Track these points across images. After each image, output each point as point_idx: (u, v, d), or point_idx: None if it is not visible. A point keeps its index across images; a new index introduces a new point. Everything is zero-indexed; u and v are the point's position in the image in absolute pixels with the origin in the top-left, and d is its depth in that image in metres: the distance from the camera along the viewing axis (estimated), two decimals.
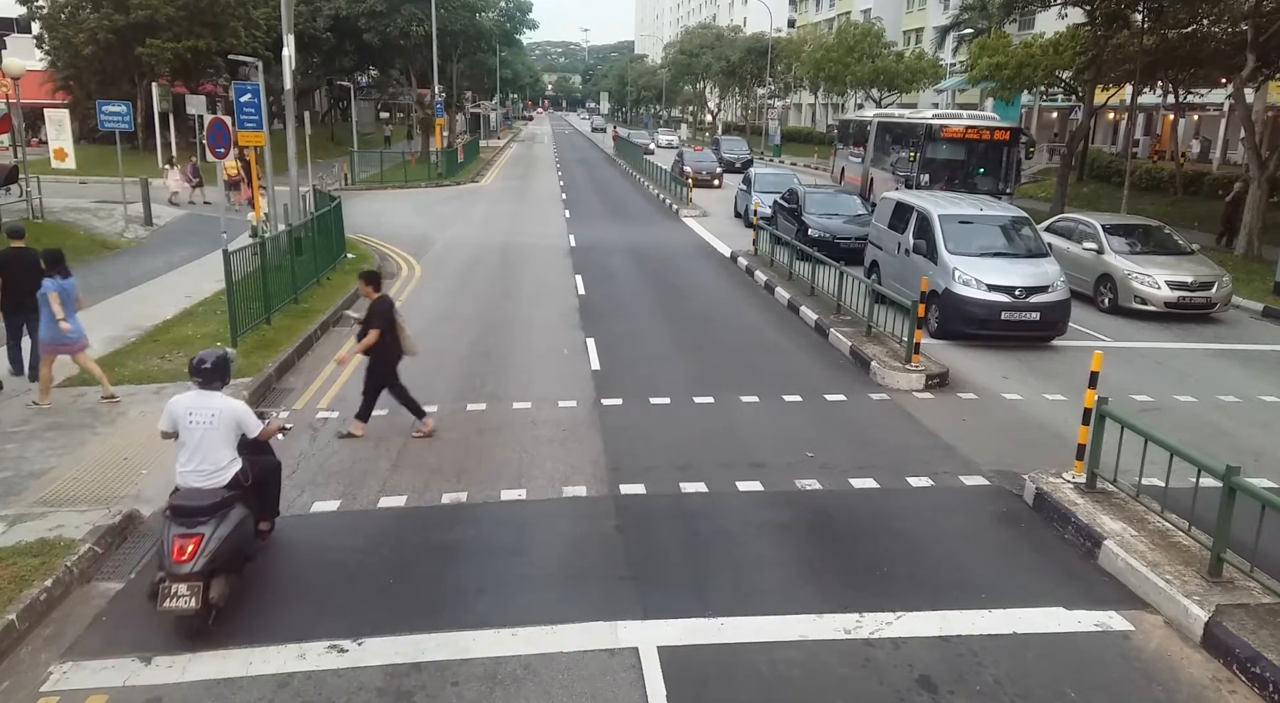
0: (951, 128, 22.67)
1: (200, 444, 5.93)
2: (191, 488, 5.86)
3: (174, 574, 5.42)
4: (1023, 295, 12.65)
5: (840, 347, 12.71)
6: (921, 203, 14.53)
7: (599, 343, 13.02)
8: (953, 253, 13.22)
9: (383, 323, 9.07)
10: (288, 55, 18.32)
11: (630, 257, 20.85)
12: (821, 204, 20.88)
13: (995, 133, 22.66)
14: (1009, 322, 12.69)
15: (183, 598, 5.41)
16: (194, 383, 6.14)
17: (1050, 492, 7.42)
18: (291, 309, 14.09)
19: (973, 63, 36.66)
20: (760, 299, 16.42)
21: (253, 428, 6.17)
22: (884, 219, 15.72)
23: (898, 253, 14.65)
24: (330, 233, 18.21)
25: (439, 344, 12.97)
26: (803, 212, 20.42)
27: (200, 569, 5.44)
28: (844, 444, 9.19)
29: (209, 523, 5.63)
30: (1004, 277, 12.80)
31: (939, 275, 13.08)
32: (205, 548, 5.51)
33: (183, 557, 5.45)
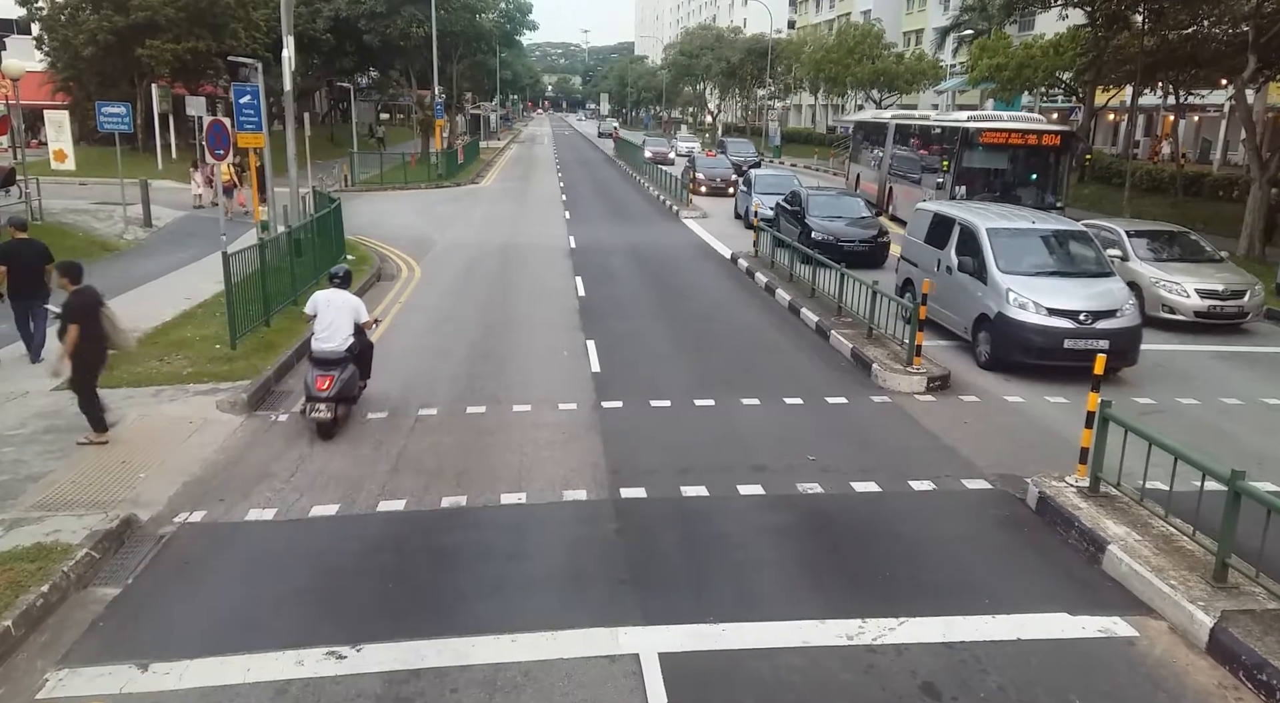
0: (992, 132, 20.60)
1: (333, 321, 9.29)
2: (325, 349, 9.16)
3: (316, 398, 8.90)
4: (1088, 321, 11.07)
5: (841, 349, 12.66)
6: (965, 215, 13.11)
7: (599, 345, 12.98)
8: (1005, 272, 11.68)
9: (81, 317, 8.41)
10: (287, 56, 18.29)
11: (630, 258, 20.82)
12: (825, 206, 20.34)
13: (1044, 137, 20.55)
14: (1073, 351, 10.99)
15: (321, 412, 8.94)
16: (332, 284, 9.69)
17: (1053, 496, 7.38)
18: (291, 311, 14.03)
19: (973, 64, 36.76)
20: (761, 301, 16.38)
21: (363, 315, 9.67)
22: (919, 233, 14.22)
23: (937, 270, 13.13)
24: (330, 234, 18.18)
25: (439, 346, 12.95)
26: (806, 214, 19.93)
27: (332, 395, 8.93)
28: (845, 447, 9.15)
29: (336, 369, 9.05)
30: (1066, 299, 11.23)
31: (989, 298, 11.65)
32: (334, 383, 8.93)
33: (322, 387, 8.89)
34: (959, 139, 20.96)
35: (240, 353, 11.64)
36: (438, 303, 15.82)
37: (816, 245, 17.39)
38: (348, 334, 9.31)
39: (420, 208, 29.94)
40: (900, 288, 14.35)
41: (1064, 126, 23.66)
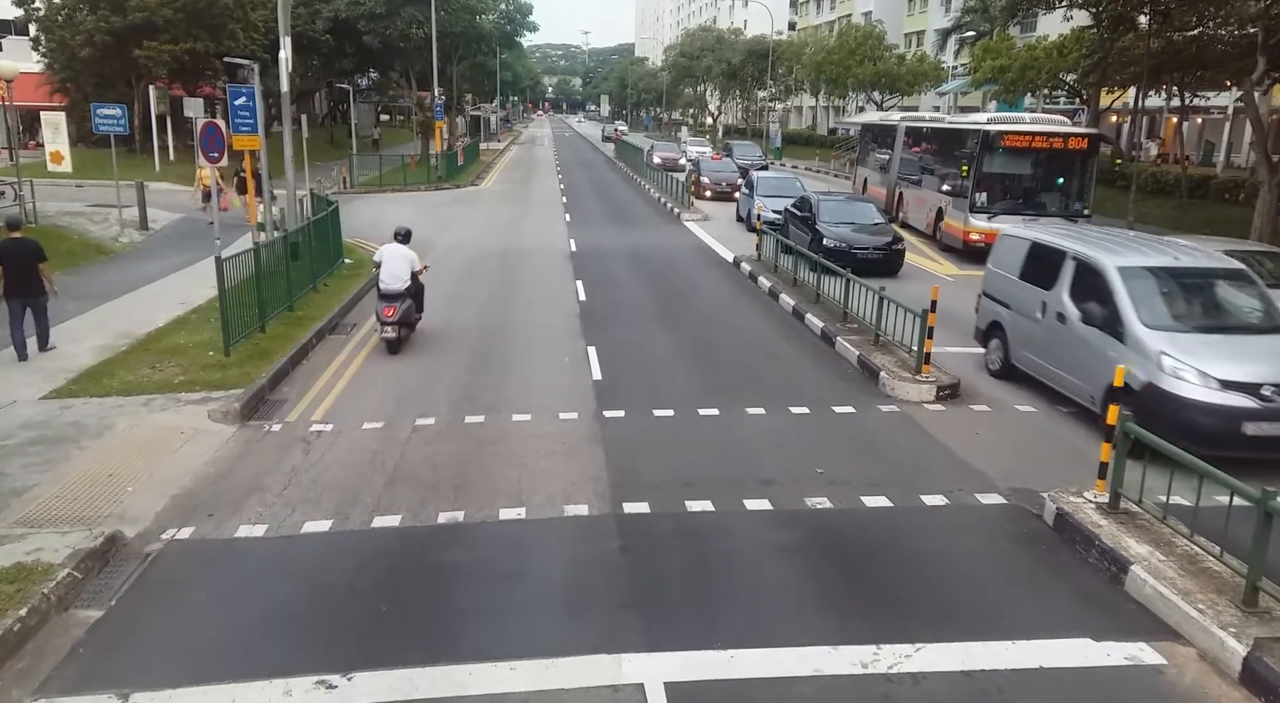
0: (1015, 135, 19.46)
1: (395, 267, 12.37)
2: (389, 288, 12.21)
3: (384, 323, 12.12)
4: (1275, 396, 8.22)
5: (848, 356, 12.41)
6: (1082, 248, 10.20)
7: (600, 351, 12.73)
8: (1151, 327, 8.94)
9: None
10: (284, 57, 18.04)
11: (631, 261, 20.57)
12: (836, 212, 19.35)
13: (1070, 141, 19.47)
14: (1258, 439, 8.18)
15: (389, 332, 12.15)
16: (396, 240, 12.88)
17: (1071, 512, 7.13)
18: (287, 317, 13.80)
19: (976, 65, 36.54)
20: (764, 306, 16.13)
21: (416, 264, 12.64)
22: (1011, 265, 11.43)
23: (1043, 317, 10.49)
24: (327, 238, 17.94)
25: (437, 351, 12.69)
26: (816, 220, 18.98)
27: (395, 321, 12.09)
28: (854, 459, 8.89)
29: (398, 301, 12.18)
30: (1240, 366, 8.40)
31: (1132, 362, 8.74)
32: (397, 312, 12.09)
33: (388, 314, 12.07)
34: (979, 142, 19.77)
35: (234, 361, 11.39)
36: (437, 308, 15.49)
37: (828, 253, 16.81)
38: (406, 277, 12.45)
39: (419, 210, 29.66)
40: (985, 332, 11.97)
41: (1091, 129, 22.53)
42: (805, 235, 18.97)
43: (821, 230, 18.50)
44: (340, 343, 13.16)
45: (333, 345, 13.02)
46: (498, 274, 18.83)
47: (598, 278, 18.43)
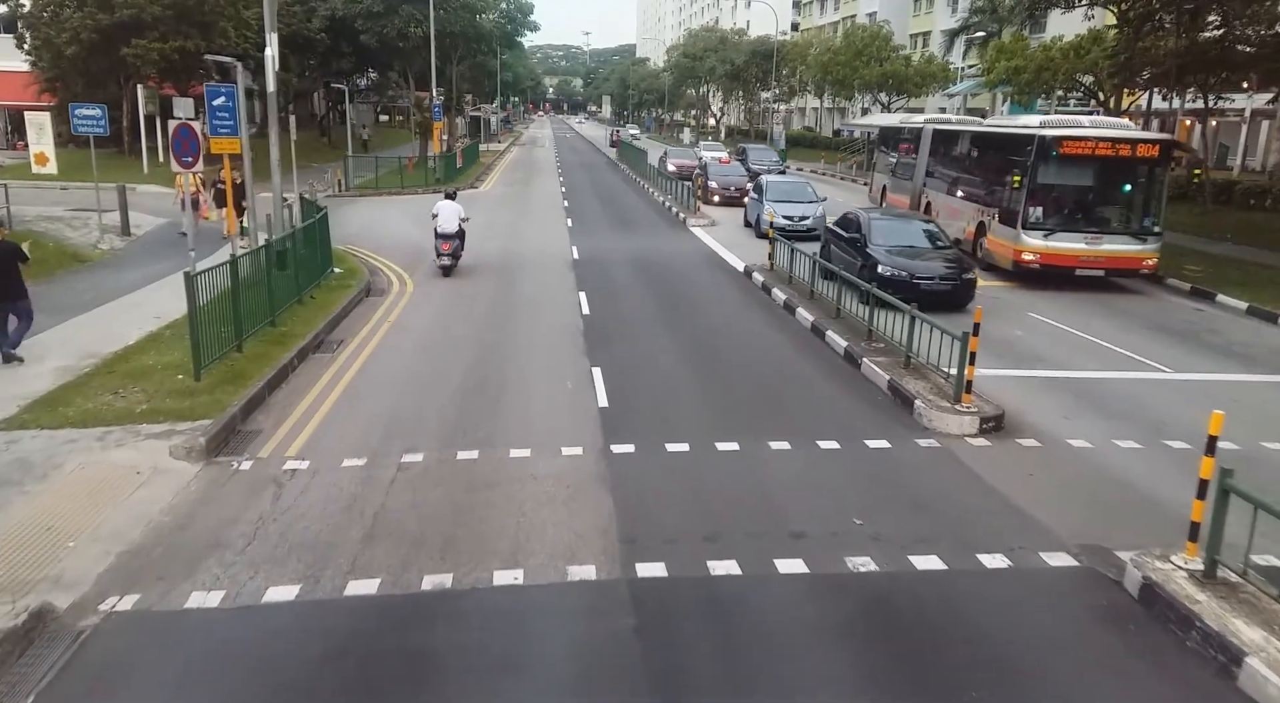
0: (1075, 141, 16.97)
1: (448, 216, 17.68)
2: (444, 230, 17.64)
3: (441, 255, 17.79)
4: None
5: (876, 380, 11.38)
6: None
7: (606, 373, 11.71)
8: None
9: None
10: (270, 55, 17.09)
11: (637, 270, 19.55)
12: (890, 233, 16.33)
13: (1139, 148, 16.99)
14: None
15: (445, 262, 17.79)
16: (446, 197, 18.32)
17: (1161, 582, 6.11)
18: (267, 333, 12.78)
19: (990, 66, 35.54)
20: (780, 321, 15.10)
21: (463, 214, 18.03)
22: None
23: None
24: (316, 245, 16.93)
25: (430, 374, 11.69)
26: (867, 242, 16.00)
27: (451, 252, 17.84)
28: (896, 507, 7.87)
29: (452, 240, 17.71)
30: None
31: None
32: (451, 247, 17.72)
33: (445, 248, 17.73)
34: (1032, 150, 17.17)
35: (204, 386, 10.37)
36: (430, 323, 14.55)
37: (884, 282, 14.08)
38: (456, 224, 17.98)
39: (416, 214, 28.61)
40: None
41: (1163, 135, 19.91)
42: (852, 260, 16.15)
43: (875, 255, 15.52)
44: (324, 363, 12.14)
45: (316, 366, 12.00)
46: (497, 285, 17.80)
47: (602, 289, 17.41)
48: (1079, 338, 14.09)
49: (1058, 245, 17.27)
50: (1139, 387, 11.55)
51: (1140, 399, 11.02)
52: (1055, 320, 15.08)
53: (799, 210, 23.39)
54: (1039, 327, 14.64)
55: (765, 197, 24.00)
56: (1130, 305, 16.63)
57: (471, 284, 17.75)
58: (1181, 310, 16.62)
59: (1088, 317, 15.46)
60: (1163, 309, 16.63)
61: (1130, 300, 17.19)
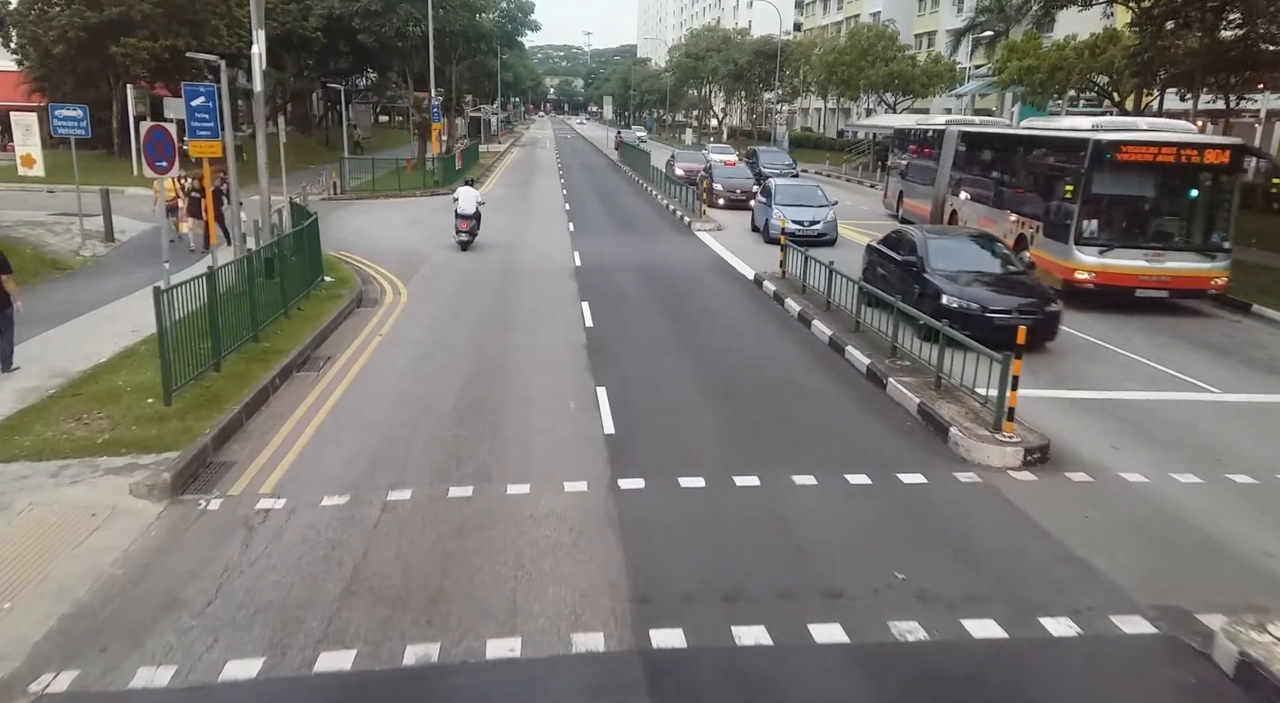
0: (1136, 146, 14.99)
1: (467, 200, 21.34)
2: (463, 212, 21.21)
3: (461, 231, 21.38)
4: None
5: (904, 403, 10.52)
6: None
7: (612, 393, 10.87)
8: None
9: None
10: (257, 53, 16.27)
11: (642, 278, 18.70)
12: (953, 256, 13.80)
13: (1207, 153, 15.07)
14: None
15: (463, 238, 21.38)
16: (465, 185, 22.63)
17: (1263, 661, 5.26)
18: (249, 350, 11.94)
19: (1001, 66, 34.70)
20: (795, 335, 14.25)
21: (479, 199, 21.91)
22: None
23: None
24: (305, 253, 16.10)
25: (422, 394, 10.84)
26: (925, 267, 13.50)
27: (469, 230, 21.42)
28: (941, 555, 7.02)
29: (470, 220, 21.31)
30: None
31: None
32: (469, 226, 21.30)
33: (464, 226, 21.27)
34: (1086, 155, 15.19)
35: (176, 411, 9.53)
36: (424, 336, 13.70)
37: (950, 315, 11.80)
38: (474, 206, 21.31)
39: (413, 218, 27.84)
40: None
41: (1234, 139, 17.37)
42: (905, 284, 13.55)
43: (936, 283, 12.98)
44: (309, 383, 11.30)
45: (299, 386, 11.15)
46: (495, 293, 16.96)
47: (606, 298, 16.56)
48: (1115, 354, 13.24)
49: (1116, 263, 15.32)
50: (1187, 410, 10.70)
51: (1191, 424, 10.17)
52: (1091, 335, 14.20)
53: (809, 215, 22.52)
54: (1073, 342, 13.79)
55: (774, 201, 23.20)
56: (1163, 318, 15.76)
57: (469, 292, 16.92)
58: (1217, 322, 15.76)
59: (1126, 331, 14.57)
60: (1198, 321, 15.76)
61: (1162, 312, 16.32)
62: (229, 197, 22.40)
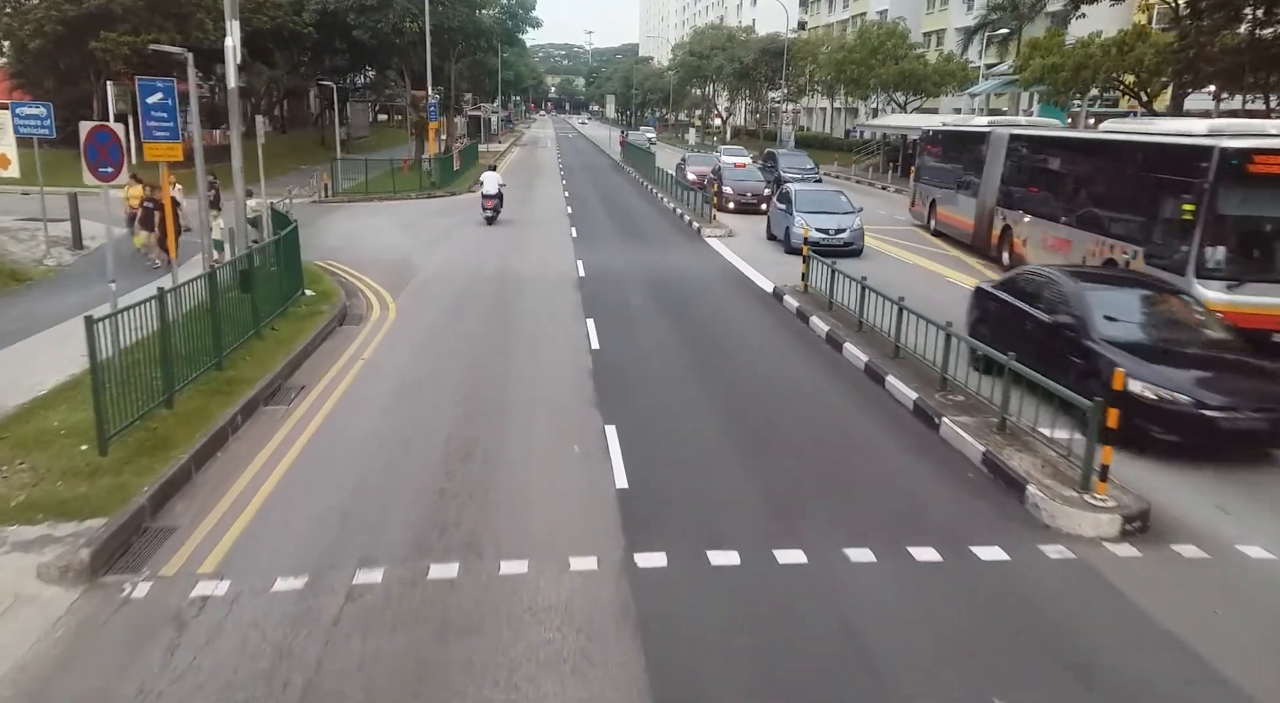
0: (1273, 156, 12.00)
1: (491, 182, 26.11)
2: (488, 192, 25.76)
3: (486, 209, 25.83)
4: None
5: (964, 449, 9.07)
6: None
7: (623, 434, 9.43)
8: None
9: None
10: (230, 45, 14.90)
11: (651, 291, 17.25)
12: (1128, 315, 10.03)
13: None
14: None
15: (489, 214, 25.82)
16: (490, 170, 28.14)
17: None
18: (211, 380, 10.50)
19: (1023, 64, 33.30)
20: (825, 359, 12.79)
21: (501, 183, 26.76)
22: None
23: None
24: (283, 265, 14.68)
25: (405, 433, 9.41)
26: (1088, 331, 9.65)
27: (493, 208, 25.88)
28: (1044, 668, 5.57)
29: (492, 199, 25.76)
30: None
31: None
32: (493, 205, 25.89)
33: (489, 204, 25.82)
34: (1209, 167, 12.25)
35: (111, 462, 8.08)
36: (409, 361, 12.25)
37: (1140, 410, 8.60)
38: (496, 188, 25.39)
39: (407, 222, 26.39)
40: None
41: None
42: (1050, 353, 9.87)
43: (1111, 359, 9.03)
44: (276, 420, 9.86)
45: (264, 425, 9.72)
46: (491, 310, 15.51)
47: (613, 315, 15.12)
48: None
49: (1252, 301, 11.81)
50: None
51: None
52: None
53: (834, 222, 20.85)
54: None
55: (795, 207, 21.46)
56: None
57: (462, 309, 15.47)
58: None
59: None
60: None
61: None
62: (218, 204, 20.99)
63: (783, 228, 21.98)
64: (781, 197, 23.15)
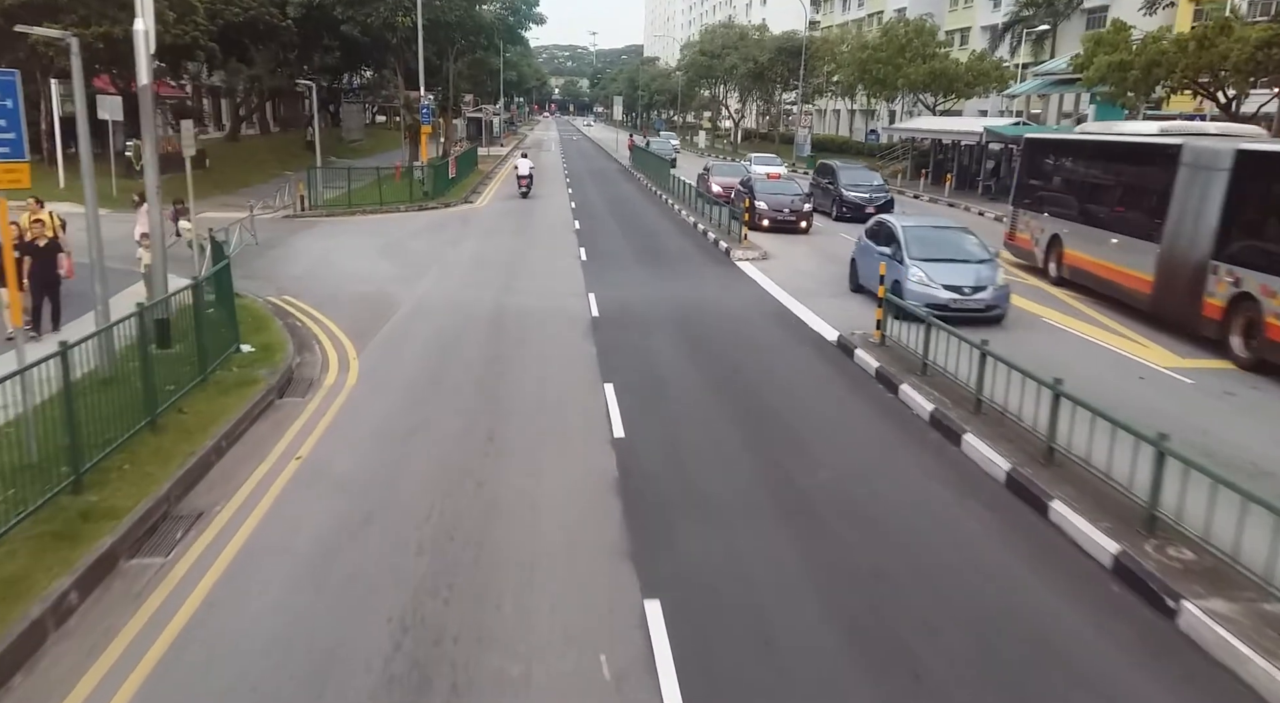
0: None
1: (523, 166, 35.15)
2: (523, 173, 34.65)
3: (521, 189, 34.59)
4: None
5: (1226, 657, 5.56)
6: None
7: (674, 621, 6.00)
8: None
9: None
10: (141, 29, 11.68)
11: (682, 339, 13.79)
12: None
13: None
14: None
15: (523, 190, 34.51)
16: (522, 156, 39.81)
17: None
18: (57, 513, 7.06)
19: (1084, 61, 29.73)
20: (938, 458, 9.26)
21: (531, 166, 35.98)
22: None
23: None
24: (210, 317, 11.28)
25: (329, 621, 5.91)
26: None
27: (525, 186, 34.63)
28: None
29: (525, 179, 34.66)
30: None
31: None
32: (526, 184, 34.50)
33: (522, 184, 34.60)
34: None
35: None
36: (360, 467, 8.75)
37: None
38: (528, 170, 34.62)
39: (391, 242, 22.93)
40: None
41: None
42: None
43: None
44: (145, 583, 6.43)
45: (122, 598, 6.25)
46: (479, 372, 12.04)
47: (638, 378, 11.66)
48: None
49: None
50: None
51: None
52: None
53: (968, 276, 14.33)
54: None
55: (907, 252, 14.76)
56: None
57: (443, 371, 11.99)
58: None
59: None
60: None
61: None
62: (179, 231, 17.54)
63: (867, 272, 15.85)
64: (878, 234, 16.37)
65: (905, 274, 14.35)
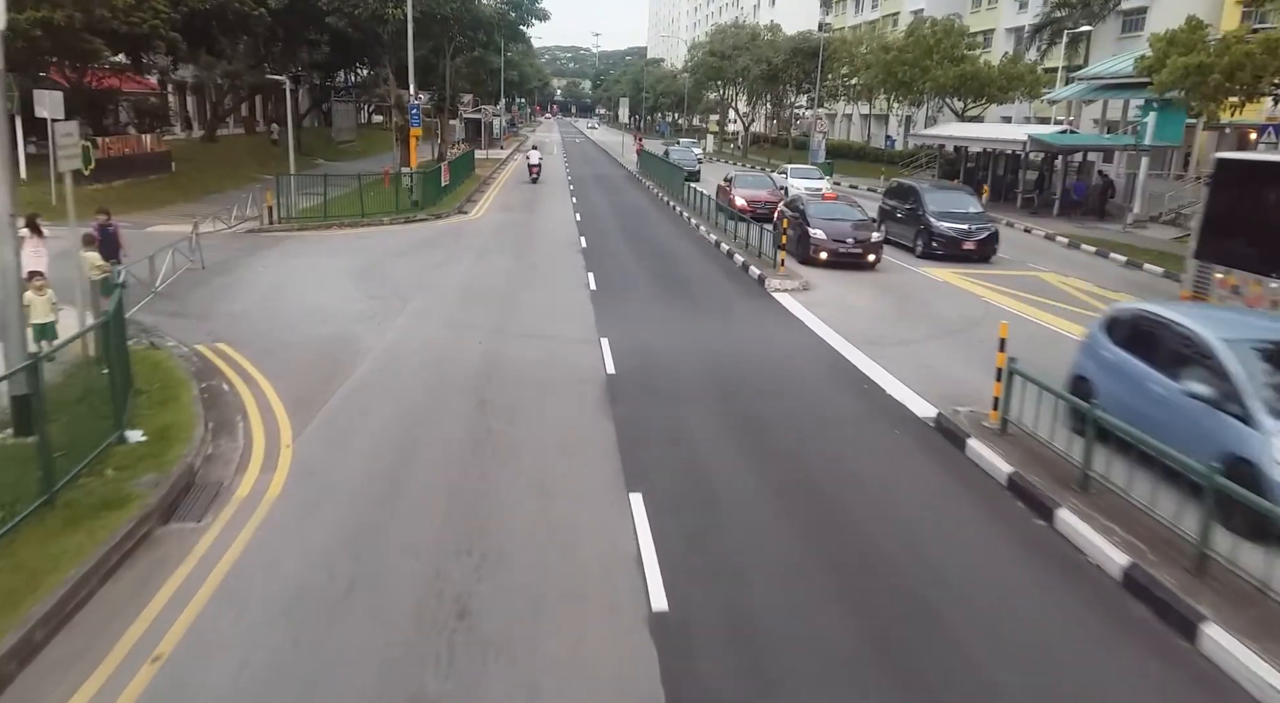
0: None
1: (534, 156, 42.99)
2: (532, 163, 41.95)
3: (531, 174, 41.55)
4: None
5: None
6: None
7: None
8: None
9: None
10: None
11: (725, 412, 10.48)
12: None
13: None
14: None
15: (534, 177, 41.14)
16: (533, 149, 45.30)
17: None
18: None
19: (1155, 63, 26.45)
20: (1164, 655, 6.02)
21: (541, 155, 44.40)
22: None
23: None
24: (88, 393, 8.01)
25: None
26: None
27: (537, 172, 41.63)
28: None
29: (536, 168, 41.72)
30: None
31: None
32: (536, 172, 41.52)
33: (532, 172, 41.57)
34: None
35: None
36: (259, 668, 5.47)
37: None
38: (538, 160, 42.13)
39: (366, 264, 19.59)
40: None
41: None
42: None
43: None
44: None
45: None
46: (456, 469, 8.71)
47: (677, 489, 8.35)
48: None
49: None
50: None
51: None
52: None
53: None
54: None
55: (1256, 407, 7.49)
56: None
57: (404, 472, 8.65)
58: None
59: None
60: None
61: None
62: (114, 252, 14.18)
63: (1113, 396, 8.94)
64: (1144, 342, 9.15)
65: (1265, 451, 7.11)
